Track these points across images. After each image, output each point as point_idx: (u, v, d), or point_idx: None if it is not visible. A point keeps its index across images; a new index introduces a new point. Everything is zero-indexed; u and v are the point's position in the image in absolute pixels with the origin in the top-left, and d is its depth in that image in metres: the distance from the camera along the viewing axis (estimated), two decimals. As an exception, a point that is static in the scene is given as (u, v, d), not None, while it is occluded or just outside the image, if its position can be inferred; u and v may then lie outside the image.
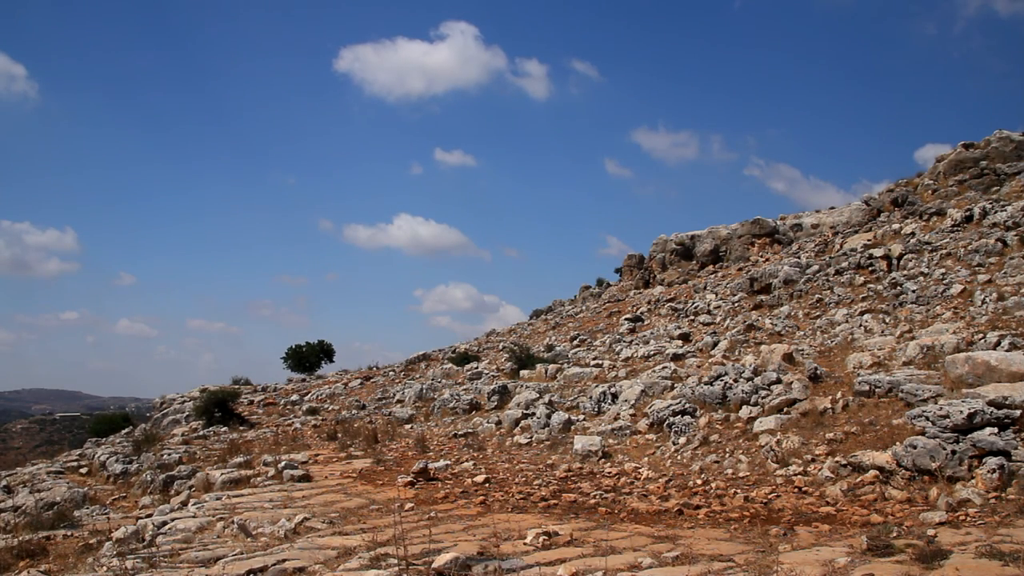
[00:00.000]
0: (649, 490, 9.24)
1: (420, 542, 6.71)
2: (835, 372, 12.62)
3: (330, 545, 7.17)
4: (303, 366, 33.04)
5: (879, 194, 34.43)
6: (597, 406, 14.29)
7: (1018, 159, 29.65)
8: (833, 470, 8.54)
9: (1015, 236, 20.05)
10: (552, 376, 19.27)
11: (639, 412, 13.17)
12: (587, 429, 12.95)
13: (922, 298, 17.69)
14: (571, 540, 6.85)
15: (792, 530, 6.92)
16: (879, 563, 5.27)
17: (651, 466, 10.45)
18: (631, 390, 14.26)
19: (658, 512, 8.21)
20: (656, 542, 6.71)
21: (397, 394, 21.91)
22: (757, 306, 23.85)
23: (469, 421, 15.97)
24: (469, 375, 22.99)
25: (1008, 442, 7.70)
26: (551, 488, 9.74)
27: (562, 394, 16.50)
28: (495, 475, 10.83)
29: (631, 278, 40.15)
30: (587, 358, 21.95)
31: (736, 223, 37.18)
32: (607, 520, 7.98)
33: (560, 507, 8.76)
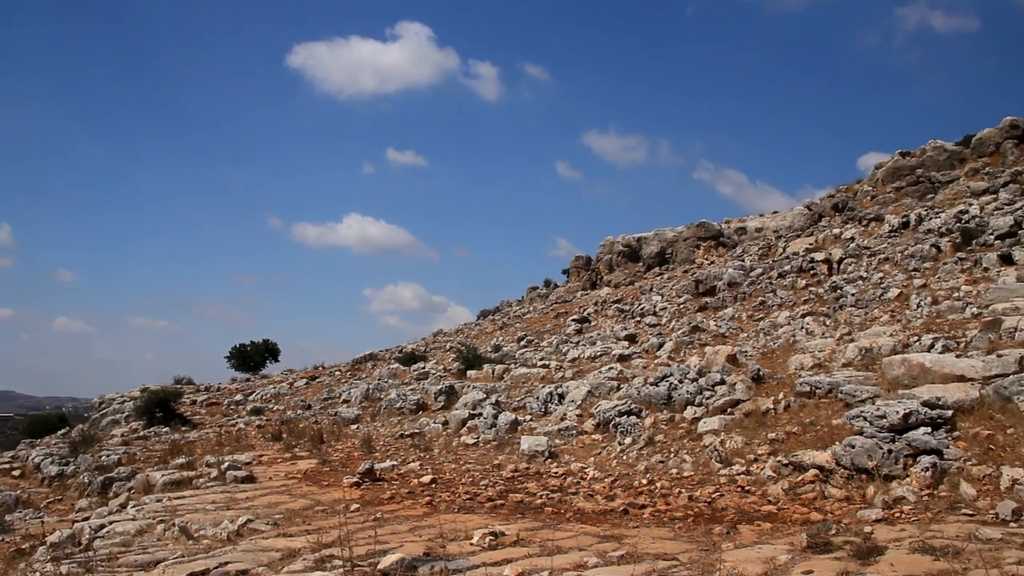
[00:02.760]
0: (595, 490, 9.30)
1: (366, 543, 6.66)
2: (777, 373, 12.86)
3: (274, 547, 7.08)
4: (248, 366, 32.57)
5: (821, 199, 35.19)
6: (544, 406, 14.34)
7: (951, 168, 30.55)
8: (775, 469, 8.70)
9: (948, 242, 20.65)
10: (499, 376, 19.29)
11: (585, 412, 13.25)
12: (534, 429, 12.99)
13: (861, 301, 18.11)
14: (517, 540, 6.86)
15: (735, 528, 7.03)
16: (818, 560, 5.38)
17: (597, 466, 10.52)
18: (578, 391, 14.34)
19: (604, 512, 8.27)
20: (602, 541, 6.75)
21: (343, 394, 21.73)
22: (702, 308, 24.17)
23: (416, 421, 15.91)
24: (416, 375, 22.90)
25: (941, 441, 7.93)
26: (498, 488, 9.75)
27: (509, 394, 16.53)
28: (442, 475, 10.80)
29: (578, 279, 40.38)
30: (534, 359, 22.02)
31: (682, 226, 37.65)
32: (553, 520, 8.01)
33: (507, 507, 8.77)
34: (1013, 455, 7.54)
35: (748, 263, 27.97)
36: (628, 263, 37.99)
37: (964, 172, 29.44)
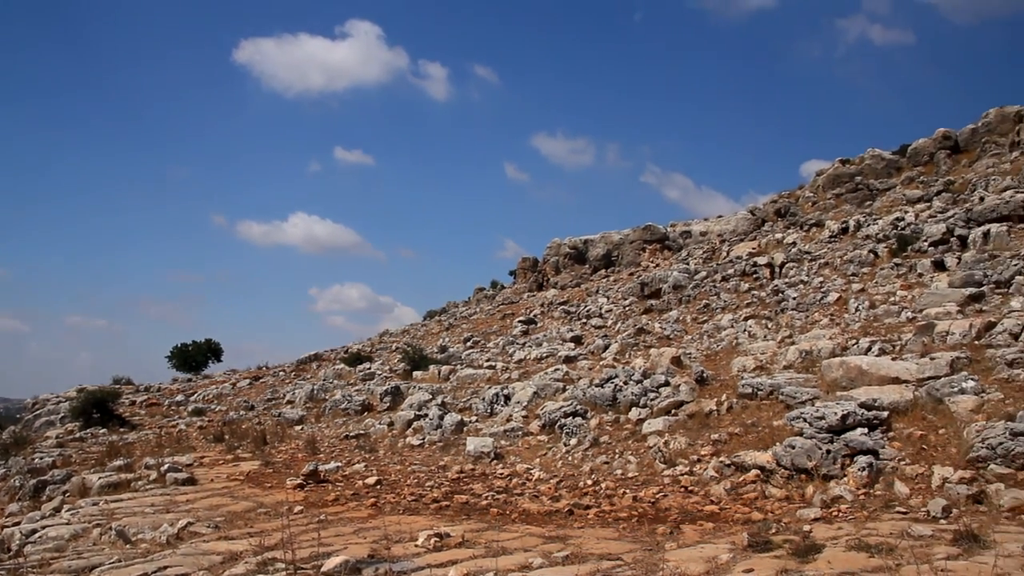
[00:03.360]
0: (540, 491, 9.34)
1: (309, 546, 6.60)
2: (720, 375, 13.06)
3: (215, 550, 6.97)
4: (189, 365, 31.91)
5: (764, 205, 35.83)
6: (490, 407, 14.35)
7: (888, 176, 31.37)
8: (717, 470, 8.83)
9: (885, 248, 21.21)
10: (445, 377, 19.25)
11: (531, 414, 13.30)
12: (480, 430, 12.99)
13: (802, 305, 18.49)
14: (463, 541, 6.86)
15: (678, 528, 7.12)
16: (759, 558, 5.48)
17: (543, 467, 10.57)
18: (524, 392, 14.38)
19: (549, 512, 8.31)
20: (547, 542, 6.79)
21: (287, 395, 21.44)
22: (647, 310, 24.42)
23: (361, 422, 15.79)
24: (362, 376, 22.72)
25: (877, 441, 8.14)
26: (443, 489, 9.73)
27: (455, 395, 16.50)
28: (387, 477, 10.74)
29: (525, 281, 40.48)
30: (480, 360, 22.02)
31: (628, 229, 37.98)
32: (499, 521, 8.03)
33: (452, 508, 8.76)
34: (944, 455, 7.78)
35: (693, 266, 28.35)
36: (575, 265, 38.21)
37: (900, 180, 30.26)
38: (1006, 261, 16.50)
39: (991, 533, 5.60)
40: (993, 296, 14.24)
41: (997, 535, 5.54)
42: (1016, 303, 13.15)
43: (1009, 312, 12.50)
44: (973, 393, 8.81)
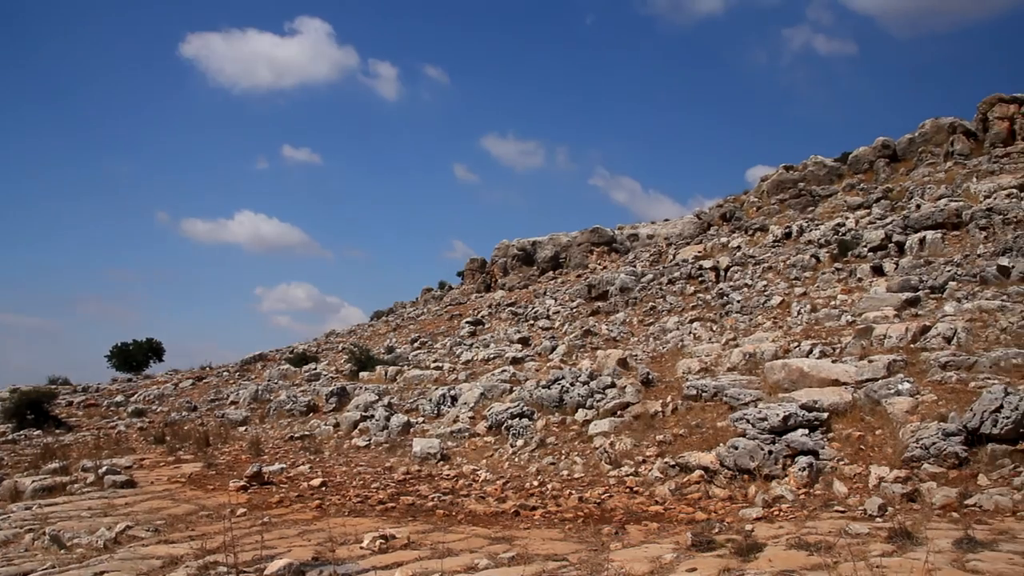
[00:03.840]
0: (487, 492, 9.34)
1: (252, 549, 6.50)
2: (666, 377, 13.21)
3: (154, 555, 6.83)
4: (130, 365, 31.22)
5: (710, 209, 36.36)
6: (437, 408, 14.31)
7: (830, 183, 32.09)
8: (662, 470, 8.94)
9: (826, 253, 21.67)
10: (392, 378, 19.15)
11: (478, 415, 13.29)
12: (426, 431, 12.95)
13: (746, 308, 18.79)
14: (408, 543, 6.83)
15: (623, 529, 7.19)
16: (702, 558, 5.56)
17: (489, 468, 10.57)
18: (471, 393, 14.37)
19: (495, 513, 8.32)
20: (493, 543, 6.79)
21: (231, 395, 21.12)
22: (594, 312, 24.58)
23: (306, 423, 15.62)
24: (307, 376, 22.48)
25: (817, 442, 8.32)
26: (389, 491, 9.67)
27: (402, 396, 16.42)
28: (332, 478, 10.64)
29: (473, 282, 40.48)
30: (427, 360, 21.95)
31: (576, 231, 38.23)
32: (445, 522, 8.02)
33: (398, 510, 8.72)
34: (880, 455, 7.98)
35: (640, 269, 28.63)
36: (523, 267, 38.33)
37: (842, 187, 30.95)
38: (940, 267, 17.00)
39: (924, 530, 5.77)
40: (928, 301, 14.64)
41: (929, 532, 5.71)
42: (949, 308, 13.55)
43: (942, 316, 12.87)
44: (908, 395, 9.05)
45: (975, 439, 7.43)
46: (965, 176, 25.74)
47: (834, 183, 32.00)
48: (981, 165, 26.59)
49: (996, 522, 6.05)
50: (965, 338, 11.24)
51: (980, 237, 18.89)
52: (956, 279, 15.69)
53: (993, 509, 6.37)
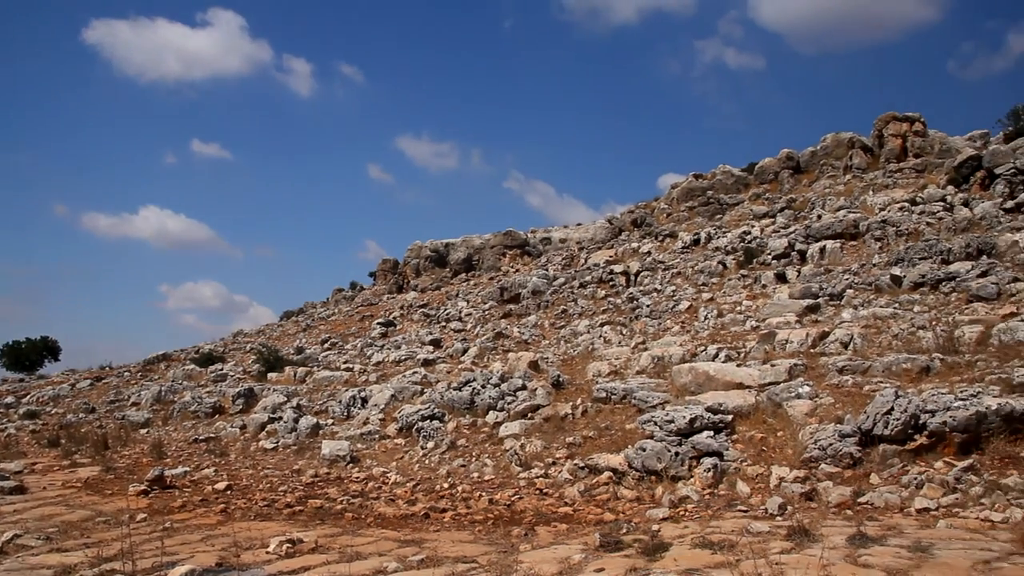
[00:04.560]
0: (397, 494, 9.28)
1: (152, 555, 6.31)
2: (576, 379, 13.36)
3: (45, 564, 6.53)
4: (22, 365, 29.86)
5: (621, 215, 36.98)
6: (347, 410, 14.15)
7: (737, 191, 33.06)
8: (572, 472, 9.03)
9: (733, 260, 22.30)
10: (301, 379, 18.84)
11: (389, 417, 13.20)
12: (336, 434, 12.78)
13: (655, 312, 19.16)
14: (316, 547, 6.73)
15: (533, 530, 7.23)
16: (610, 558, 5.64)
17: (399, 470, 10.51)
18: (381, 395, 14.26)
19: (405, 516, 8.27)
20: (402, 546, 6.75)
21: (132, 396, 20.42)
22: (506, 315, 24.69)
23: (212, 425, 15.22)
24: (213, 377, 21.91)
25: (721, 444, 8.55)
26: (297, 494, 9.51)
27: (311, 398, 16.17)
28: (238, 482, 10.40)
29: (385, 283, 40.14)
30: (338, 362, 21.69)
31: (490, 234, 38.33)
32: (354, 525, 7.93)
33: (306, 513, 8.58)
34: (781, 456, 8.26)
35: (552, 272, 28.89)
36: (435, 268, 38.23)
37: (748, 196, 31.92)
38: (839, 275, 17.69)
39: (820, 527, 5.99)
40: (827, 307, 15.21)
41: (825, 529, 5.93)
42: (847, 314, 14.11)
43: (840, 323, 13.39)
44: (808, 398, 9.39)
45: (868, 440, 7.76)
46: (862, 189, 26.88)
47: (741, 192, 32.99)
48: (877, 179, 27.82)
49: (886, 518, 6.33)
50: (860, 343, 11.73)
51: (875, 247, 19.73)
52: (853, 287, 16.35)
53: (883, 506, 6.67)
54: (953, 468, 6.99)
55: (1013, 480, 6.63)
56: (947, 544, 5.29)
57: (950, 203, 21.52)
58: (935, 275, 15.23)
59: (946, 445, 7.39)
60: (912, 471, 7.18)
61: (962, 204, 21.08)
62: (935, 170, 26.92)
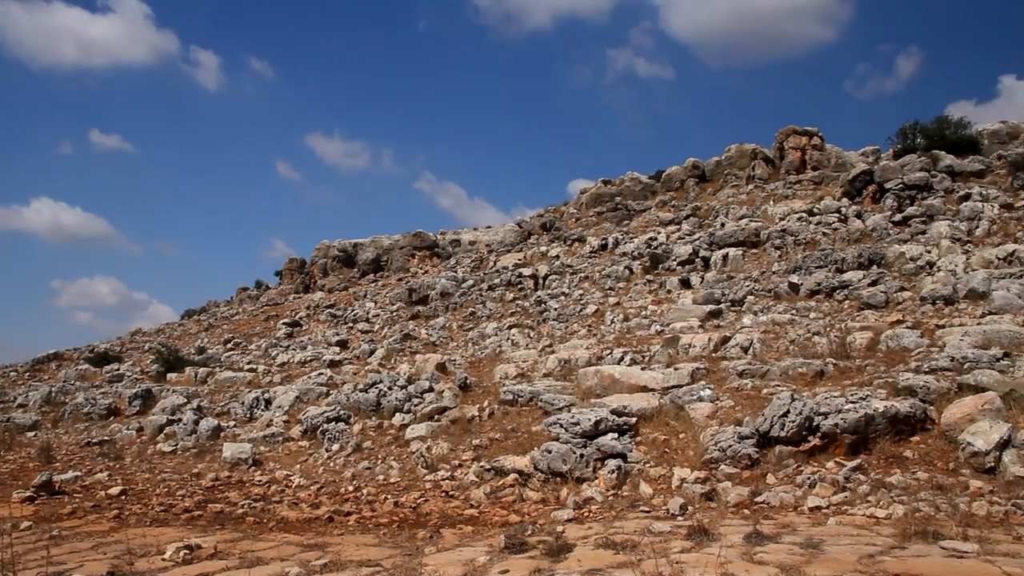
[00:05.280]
0: (300, 498, 9.12)
1: (37, 565, 6.03)
2: (484, 382, 13.39)
3: (-78, 573, 6.18)
4: None
5: (531, 218, 37.25)
6: (250, 412, 13.83)
7: (645, 198, 33.73)
8: (478, 474, 9.05)
9: (639, 265, 22.73)
10: (203, 380, 18.33)
11: (293, 418, 12.96)
12: (238, 436, 12.48)
13: (562, 316, 19.37)
14: (215, 553, 6.55)
15: (438, 533, 7.21)
16: (514, 559, 5.67)
17: (303, 473, 10.33)
18: (286, 396, 14.00)
19: (308, 520, 8.13)
20: (305, 550, 6.63)
21: (19, 397, 19.43)
22: (414, 316, 24.57)
23: (106, 428, 14.64)
24: (109, 377, 21.09)
25: (625, 446, 8.71)
26: (196, 498, 9.24)
27: (212, 399, 15.74)
28: (134, 486, 10.04)
29: (291, 282, 39.41)
30: (241, 362, 21.19)
31: (399, 234, 38.06)
32: (255, 530, 7.75)
33: (205, 518, 8.34)
34: (683, 457, 8.46)
35: (461, 274, 28.89)
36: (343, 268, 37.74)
37: (655, 203, 32.60)
38: (740, 282, 18.23)
39: (719, 527, 6.16)
40: (729, 313, 15.67)
41: (724, 528, 6.11)
42: (747, 320, 14.56)
43: (741, 328, 13.81)
44: (709, 401, 9.65)
45: (766, 441, 8.03)
46: (764, 199, 27.79)
47: (648, 199, 33.67)
48: (777, 190, 28.81)
49: (781, 517, 6.56)
50: (760, 348, 12.12)
51: (775, 255, 20.43)
52: (754, 293, 16.89)
53: (779, 505, 6.91)
54: (843, 468, 7.30)
55: (896, 478, 6.98)
56: (836, 540, 5.52)
57: (844, 215, 22.46)
58: (830, 283, 15.87)
59: (837, 446, 7.71)
60: (806, 471, 7.47)
61: (855, 216, 22.03)
62: (831, 183, 28.03)
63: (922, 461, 7.34)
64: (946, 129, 26.31)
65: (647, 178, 35.49)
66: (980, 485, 6.62)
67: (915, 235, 18.77)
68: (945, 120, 26.74)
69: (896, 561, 4.86)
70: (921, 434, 7.79)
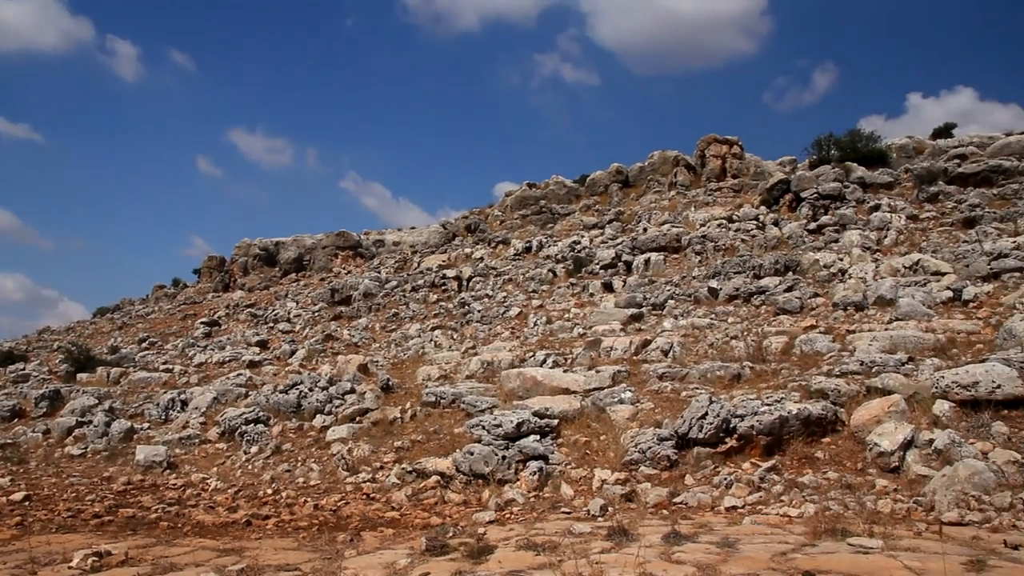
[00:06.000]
0: (217, 501, 8.92)
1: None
2: (406, 383, 13.32)
3: None
4: None
5: (456, 220, 37.19)
6: (165, 414, 13.45)
7: (569, 202, 34.03)
8: (400, 476, 8.99)
9: (563, 268, 22.94)
10: (115, 381, 17.75)
11: (210, 420, 12.66)
12: (152, 438, 12.13)
13: (486, 318, 19.40)
14: (126, 559, 6.35)
15: (359, 536, 7.14)
16: (435, 562, 5.65)
17: (220, 476, 10.10)
18: (203, 397, 13.66)
19: (225, 524, 7.95)
20: (221, 555, 6.49)
21: (-87, 399, 18.52)
22: (337, 317, 24.29)
23: (10, 431, 14.04)
24: (13, 377, 20.22)
25: (547, 447, 8.77)
26: (106, 503, 8.94)
27: (125, 400, 15.26)
28: (39, 491, 9.65)
29: (211, 281, 38.49)
30: (157, 362, 20.61)
31: (322, 234, 37.55)
32: (169, 535, 7.54)
33: (116, 524, 8.08)
34: (604, 459, 8.56)
35: (384, 275, 28.68)
36: (264, 267, 37.04)
37: (579, 207, 32.92)
38: (661, 286, 18.56)
39: (638, 527, 6.26)
40: (650, 316, 15.93)
41: (643, 528, 6.20)
42: (668, 323, 14.82)
43: (662, 331, 14.05)
44: (630, 403, 9.78)
45: (684, 443, 8.19)
46: (685, 205, 28.36)
47: (573, 203, 33.97)
48: (699, 196, 29.43)
49: (698, 517, 6.70)
50: (679, 352, 12.35)
51: (695, 261, 20.86)
52: (674, 298, 17.20)
53: (696, 505, 7.06)
54: (758, 468, 7.50)
55: (808, 478, 7.21)
56: (751, 539, 5.67)
57: (762, 222, 23.07)
58: (748, 289, 16.28)
59: (753, 447, 7.92)
60: (723, 472, 7.64)
61: (773, 224, 22.66)
62: (750, 191, 28.77)
63: (832, 461, 7.60)
64: (858, 142, 27.25)
65: (572, 182, 35.80)
66: (885, 484, 6.89)
67: (828, 243, 19.41)
68: (857, 133, 27.69)
69: (807, 558, 5.02)
70: (832, 435, 8.06)
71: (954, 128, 31.97)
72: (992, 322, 11.37)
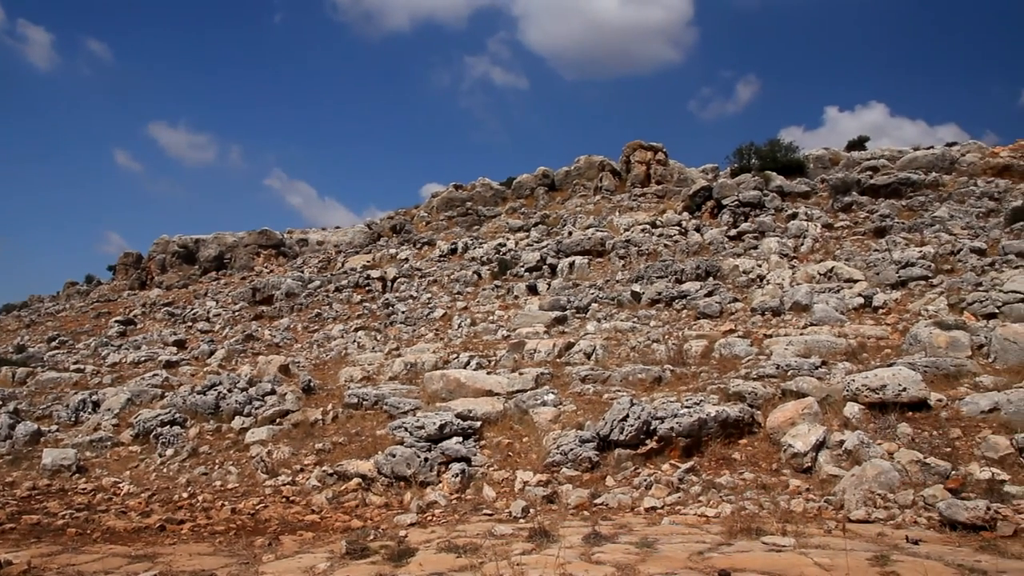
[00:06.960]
0: (129, 506, 8.65)
1: None
2: (328, 385, 13.15)
3: None
4: None
5: (381, 220, 36.87)
6: (75, 415, 12.98)
7: (495, 204, 34.09)
8: (320, 479, 8.87)
9: (488, 271, 22.97)
10: (22, 381, 17.05)
11: (124, 422, 12.28)
12: (61, 441, 11.70)
13: (410, 319, 19.30)
14: (29, 568, 6.10)
15: (277, 539, 7.02)
16: (355, 565, 5.60)
17: (133, 480, 9.81)
18: (116, 398, 13.24)
19: (137, 529, 7.72)
20: (132, 562, 6.30)
21: None
22: (258, 316, 23.85)
23: (-95, 433, 13.37)
24: (-93, 378, 19.28)
25: (469, 449, 8.77)
26: (8, 510, 8.58)
27: (33, 401, 14.67)
28: (-64, 496, 9.22)
29: (126, 278, 37.32)
30: (67, 362, 19.88)
31: (244, 232, 36.79)
32: (77, 542, 7.28)
33: (19, 531, 7.76)
34: (527, 460, 8.60)
35: (307, 275, 28.26)
36: (183, 265, 36.08)
37: (505, 209, 33.00)
38: (585, 290, 18.75)
39: (560, 528, 6.31)
40: (574, 319, 16.07)
41: (564, 529, 6.26)
42: (591, 326, 14.98)
43: (585, 334, 14.19)
44: (552, 405, 9.86)
45: (606, 445, 8.29)
46: (610, 210, 28.69)
47: (499, 205, 34.03)
48: (623, 201, 29.81)
49: (619, 518, 6.79)
50: (602, 354, 12.50)
51: (619, 265, 21.13)
52: (598, 301, 17.40)
53: (617, 506, 7.16)
54: (677, 470, 7.64)
55: (725, 479, 7.38)
56: (669, 539, 5.77)
57: (685, 228, 23.51)
58: (670, 293, 16.57)
59: (672, 449, 8.07)
60: (643, 473, 7.76)
61: (695, 230, 23.10)
62: (673, 197, 29.28)
63: (749, 462, 7.79)
64: (778, 152, 27.99)
65: (498, 184, 35.86)
66: (798, 484, 7.10)
67: (748, 250, 19.89)
68: (777, 143, 28.45)
69: (723, 557, 5.14)
70: (749, 437, 8.27)
71: (867, 141, 33.15)
72: (900, 328, 11.83)
